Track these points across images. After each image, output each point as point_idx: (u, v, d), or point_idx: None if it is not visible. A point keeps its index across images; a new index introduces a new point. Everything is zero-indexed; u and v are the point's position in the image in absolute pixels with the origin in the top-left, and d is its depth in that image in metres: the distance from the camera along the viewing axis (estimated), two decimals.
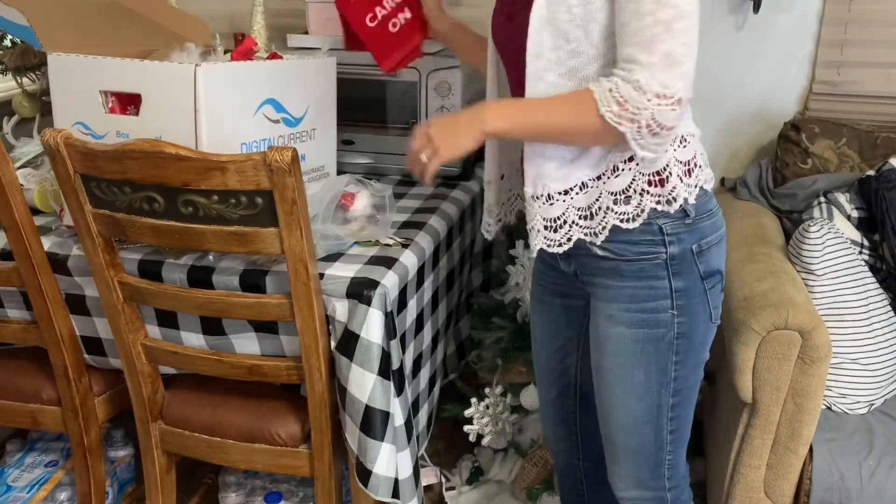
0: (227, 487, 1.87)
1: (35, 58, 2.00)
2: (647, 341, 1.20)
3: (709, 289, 1.20)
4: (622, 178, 1.14)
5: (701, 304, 1.20)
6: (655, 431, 1.26)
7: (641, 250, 1.17)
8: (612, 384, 1.26)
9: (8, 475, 1.92)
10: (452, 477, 2.07)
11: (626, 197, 1.14)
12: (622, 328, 1.21)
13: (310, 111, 1.60)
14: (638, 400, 1.24)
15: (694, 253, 1.17)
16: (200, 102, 1.33)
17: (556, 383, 1.46)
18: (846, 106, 2.13)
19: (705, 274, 1.19)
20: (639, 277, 1.18)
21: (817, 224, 1.68)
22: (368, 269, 1.40)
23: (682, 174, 1.15)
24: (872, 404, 1.69)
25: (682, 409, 1.26)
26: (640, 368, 1.22)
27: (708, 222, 1.19)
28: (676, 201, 1.13)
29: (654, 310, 1.19)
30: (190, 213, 1.26)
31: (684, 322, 1.19)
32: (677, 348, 1.20)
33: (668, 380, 1.22)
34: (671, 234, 1.16)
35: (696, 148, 1.18)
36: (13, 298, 1.61)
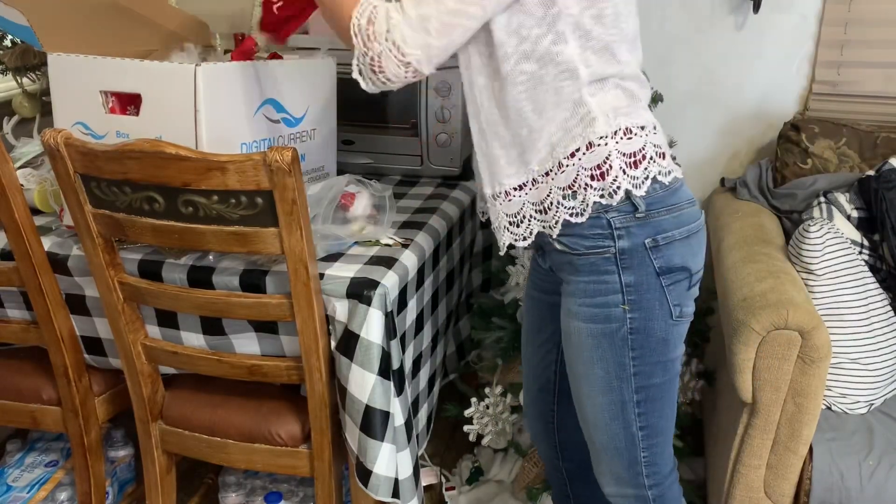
0: (227, 487, 1.87)
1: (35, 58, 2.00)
2: (601, 336, 1.20)
3: (667, 285, 1.18)
4: (567, 174, 1.14)
5: (658, 300, 1.18)
6: (624, 428, 1.25)
7: (590, 244, 1.17)
8: (577, 379, 1.27)
9: (8, 475, 1.92)
10: (452, 477, 2.07)
11: (573, 192, 1.14)
12: (578, 323, 1.21)
13: (310, 111, 1.60)
14: (601, 395, 1.24)
15: (647, 248, 1.16)
16: (200, 102, 1.33)
17: (538, 379, 1.47)
18: (846, 106, 2.13)
19: (662, 270, 1.17)
20: (590, 272, 1.18)
21: (817, 224, 1.68)
22: (368, 269, 1.40)
23: (626, 166, 1.13)
24: (872, 404, 1.69)
25: (650, 405, 1.25)
26: (598, 364, 1.22)
27: (668, 216, 1.16)
28: (618, 193, 1.13)
29: (604, 304, 1.18)
30: (190, 214, 1.26)
31: (637, 318, 1.18)
32: (632, 344, 1.19)
33: (626, 375, 1.21)
34: (620, 228, 1.15)
35: (647, 140, 1.16)
36: (13, 298, 1.61)
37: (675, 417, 1.31)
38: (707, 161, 2.28)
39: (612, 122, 1.13)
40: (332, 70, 1.68)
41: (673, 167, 1.19)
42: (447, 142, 1.86)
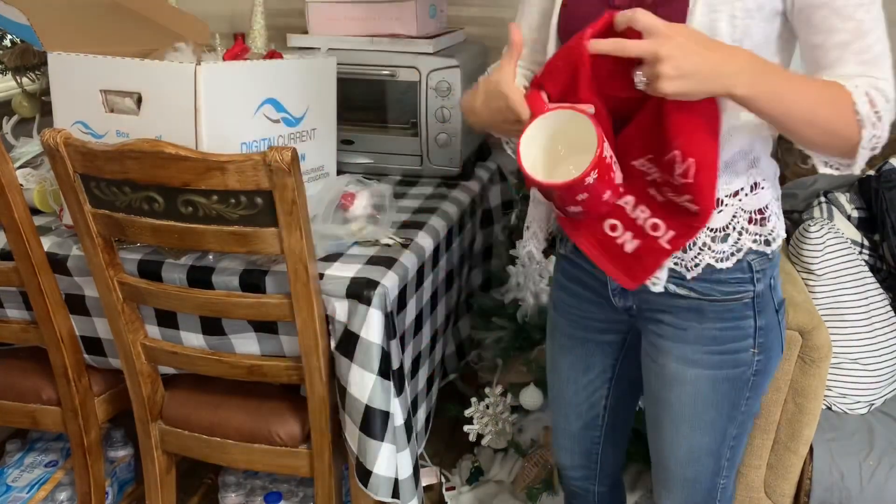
0: (227, 487, 1.87)
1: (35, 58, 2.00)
2: (724, 381, 1.14)
3: (780, 320, 1.15)
4: (724, 214, 1.04)
5: (777, 339, 1.15)
6: (714, 461, 1.21)
7: (729, 290, 1.08)
8: (677, 422, 1.19)
9: (8, 475, 1.92)
10: (452, 477, 2.07)
11: (725, 234, 1.05)
12: (700, 370, 1.13)
13: (310, 111, 1.60)
14: (704, 435, 1.19)
15: (771, 287, 1.12)
16: (201, 102, 1.33)
17: (581, 417, 1.37)
18: None
19: (779, 305, 1.14)
20: (723, 318, 1.10)
21: (817, 224, 1.68)
22: (368, 269, 1.39)
23: (778, 210, 1.08)
24: (872, 404, 1.69)
25: (741, 439, 1.22)
26: (713, 407, 1.16)
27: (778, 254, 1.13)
28: (775, 241, 1.07)
29: (735, 350, 1.12)
30: (190, 213, 1.26)
31: (762, 359, 1.13)
32: (752, 385, 1.15)
33: (737, 413, 1.17)
34: (759, 271, 1.08)
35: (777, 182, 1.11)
36: (13, 298, 1.60)
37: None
38: None
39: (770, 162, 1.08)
40: (333, 70, 1.67)
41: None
42: (447, 142, 1.85)
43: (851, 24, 0.94)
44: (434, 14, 1.95)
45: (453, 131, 1.84)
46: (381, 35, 1.88)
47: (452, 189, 1.86)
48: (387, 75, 1.84)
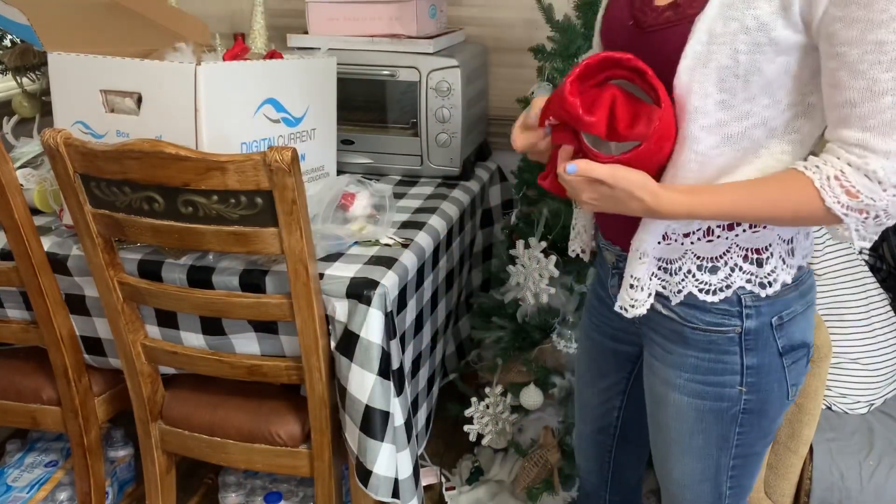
0: (227, 487, 1.87)
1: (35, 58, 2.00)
2: (707, 412, 1.08)
3: (788, 365, 1.06)
4: (715, 245, 0.99)
5: (777, 382, 1.06)
6: (713, 488, 1.16)
7: (712, 321, 1.03)
8: (668, 444, 1.16)
9: (8, 475, 1.92)
10: (452, 477, 2.07)
11: (714, 266, 1.00)
12: (680, 396, 1.09)
13: (310, 111, 1.60)
14: (696, 461, 1.14)
15: (773, 327, 1.03)
16: (201, 102, 1.33)
17: (596, 421, 1.36)
18: None
19: (785, 349, 1.05)
20: (705, 349, 1.05)
21: None
22: (368, 269, 1.40)
23: (785, 254, 1.00)
24: (872, 404, 1.69)
25: (743, 469, 1.15)
26: (699, 435, 1.11)
27: (795, 292, 1.03)
28: (772, 286, 1.00)
29: (718, 384, 1.06)
30: (190, 213, 1.26)
31: (753, 400, 1.07)
32: (741, 422, 1.08)
33: (729, 447, 1.11)
34: (750, 307, 1.02)
35: None
36: (13, 298, 1.60)
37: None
38: None
39: None
40: (333, 70, 1.67)
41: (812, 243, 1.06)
42: (447, 142, 1.86)
43: (865, 83, 0.84)
44: (434, 14, 1.95)
45: (453, 131, 1.84)
46: (381, 35, 1.88)
47: (452, 189, 1.86)
48: (387, 75, 1.84)
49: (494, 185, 2.11)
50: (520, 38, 2.09)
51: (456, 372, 2.01)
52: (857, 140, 0.86)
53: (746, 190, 0.92)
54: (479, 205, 2.01)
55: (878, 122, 0.84)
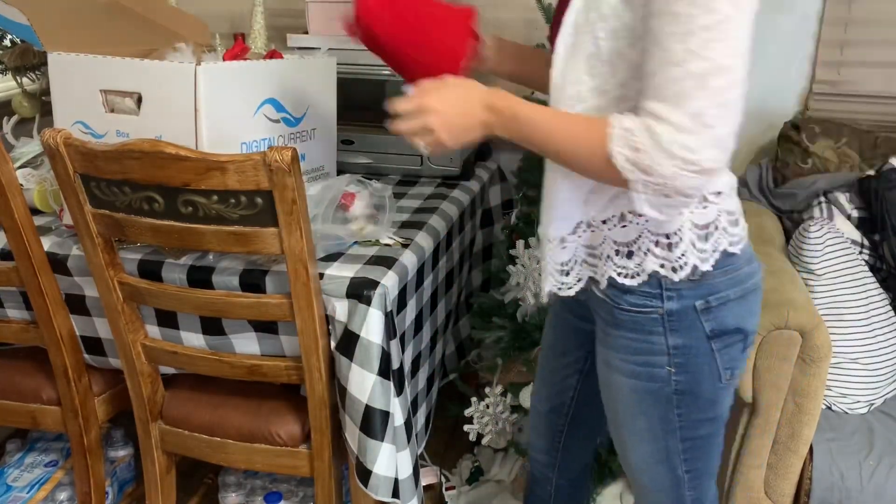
0: (227, 487, 1.87)
1: (35, 58, 2.00)
2: (643, 392, 1.12)
3: (719, 348, 1.08)
4: (627, 231, 1.04)
5: (707, 364, 1.08)
6: (670, 471, 1.18)
7: (636, 301, 1.07)
8: (619, 427, 1.20)
9: (8, 475, 1.92)
10: (452, 477, 2.07)
11: (629, 251, 1.04)
12: (619, 376, 1.14)
13: (310, 111, 1.60)
14: (645, 444, 1.17)
15: (698, 310, 1.05)
16: (201, 102, 1.33)
17: (551, 399, 1.39)
18: (846, 106, 2.13)
19: (714, 332, 1.07)
20: (633, 329, 1.09)
21: (817, 224, 1.68)
22: (368, 269, 1.40)
23: (696, 239, 1.03)
24: (872, 404, 1.69)
25: (696, 452, 1.17)
26: (641, 417, 1.14)
27: (724, 278, 1.06)
28: (683, 269, 1.02)
29: (648, 364, 1.10)
30: (190, 213, 1.26)
31: (684, 380, 1.09)
32: (678, 403, 1.11)
33: (673, 428, 1.13)
34: (670, 290, 1.05)
35: (722, 207, 1.04)
36: (13, 298, 1.61)
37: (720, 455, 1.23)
38: None
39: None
40: (333, 70, 1.67)
41: (744, 233, 1.08)
42: None
43: (661, 54, 0.88)
44: None
45: None
46: None
47: (452, 189, 1.86)
48: (387, 75, 1.84)
49: (494, 185, 2.11)
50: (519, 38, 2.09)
51: (456, 372, 2.01)
52: (651, 109, 0.90)
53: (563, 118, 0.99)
54: (479, 205, 2.01)
55: (670, 94, 0.88)
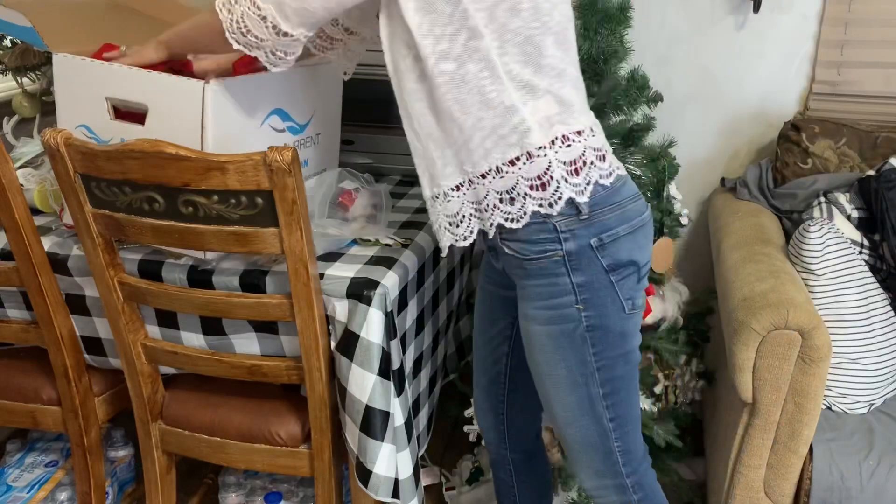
0: (227, 487, 1.87)
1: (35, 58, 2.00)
2: (559, 336, 1.21)
3: (617, 281, 1.19)
4: (505, 180, 1.14)
5: (609, 297, 1.19)
6: (595, 422, 1.26)
7: (538, 249, 1.17)
8: (542, 380, 1.27)
9: (8, 475, 1.92)
10: (452, 477, 2.07)
11: (511, 198, 1.15)
12: (536, 326, 1.22)
13: (315, 117, 1.59)
14: (568, 394, 1.25)
15: (594, 247, 1.16)
16: (208, 119, 1.32)
17: (488, 371, 1.47)
18: (846, 106, 2.13)
19: (611, 266, 1.18)
20: (541, 275, 1.18)
21: (817, 224, 1.69)
22: (368, 269, 1.40)
23: (567, 174, 1.13)
24: (872, 404, 1.69)
25: (617, 397, 1.26)
26: (561, 364, 1.23)
27: (611, 214, 1.17)
28: (559, 203, 1.13)
29: (559, 306, 1.19)
30: (190, 214, 1.26)
31: (593, 315, 1.19)
32: (591, 340, 1.20)
33: (590, 371, 1.22)
34: (565, 231, 1.15)
35: (587, 145, 1.15)
36: (13, 298, 1.61)
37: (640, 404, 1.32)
38: (707, 161, 2.28)
39: (549, 130, 1.13)
40: (338, 75, 1.67)
41: (615, 167, 1.19)
42: None
43: None
44: None
45: None
46: None
47: None
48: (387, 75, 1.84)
49: None
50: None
51: (456, 372, 2.01)
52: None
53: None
54: None
55: None
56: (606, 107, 1.76)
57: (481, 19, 1.08)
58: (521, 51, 1.11)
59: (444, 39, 1.10)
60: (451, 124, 1.14)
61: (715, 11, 2.16)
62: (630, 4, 1.73)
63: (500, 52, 1.10)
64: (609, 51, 1.69)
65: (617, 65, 1.75)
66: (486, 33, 1.09)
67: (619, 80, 1.77)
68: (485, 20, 1.08)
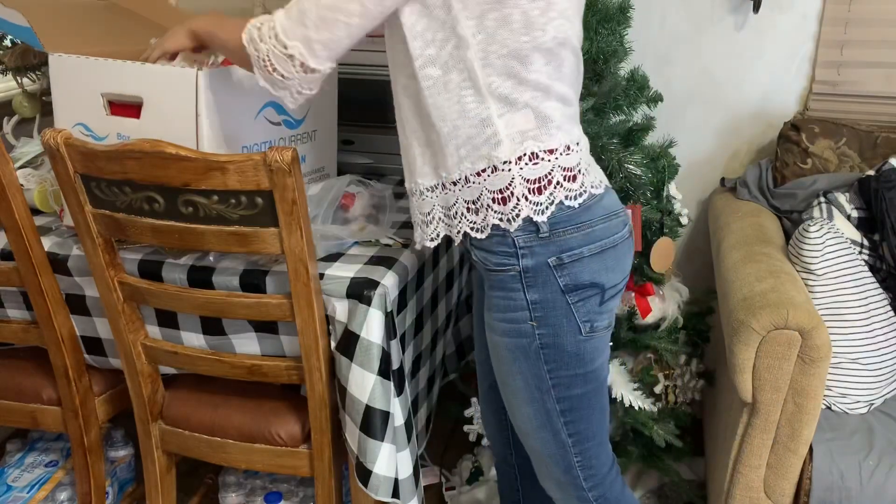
0: (227, 487, 1.87)
1: (35, 58, 2.00)
2: (515, 349, 1.21)
3: (574, 302, 1.17)
4: (472, 190, 1.15)
5: (565, 318, 1.17)
6: (553, 435, 1.26)
7: (497, 261, 1.17)
8: (503, 389, 1.28)
9: (8, 475, 1.92)
10: (452, 477, 2.07)
11: (476, 208, 1.16)
12: (496, 336, 1.23)
13: (311, 112, 1.60)
14: (526, 405, 1.25)
15: (551, 266, 1.15)
16: (202, 106, 1.33)
17: (488, 376, 1.48)
18: (846, 106, 2.13)
19: (568, 287, 1.16)
20: (500, 287, 1.19)
21: (817, 224, 1.69)
22: (368, 269, 1.40)
23: (528, 192, 1.13)
24: (872, 404, 1.69)
25: (575, 414, 1.24)
26: (518, 376, 1.23)
27: (576, 234, 1.15)
28: (516, 220, 1.13)
29: (514, 320, 1.19)
30: (190, 214, 1.26)
31: (546, 333, 1.18)
32: (545, 357, 1.19)
33: (546, 387, 1.21)
34: (523, 248, 1.15)
35: (556, 164, 1.14)
36: (13, 298, 1.61)
37: (608, 420, 1.31)
38: (707, 161, 2.28)
39: (518, 146, 1.12)
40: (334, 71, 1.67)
41: (588, 186, 1.16)
42: None
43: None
44: None
45: None
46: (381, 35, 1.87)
47: None
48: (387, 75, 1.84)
49: None
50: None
51: (456, 372, 2.01)
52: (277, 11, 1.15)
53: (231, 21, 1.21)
54: None
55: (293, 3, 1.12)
56: (606, 107, 1.77)
57: (469, 28, 1.08)
58: (503, 64, 1.10)
59: (433, 44, 1.11)
60: (431, 128, 1.15)
61: (715, 11, 2.16)
62: (630, 4, 1.73)
63: (484, 63, 1.09)
64: (609, 51, 1.70)
65: (617, 65, 1.75)
66: (473, 43, 1.08)
67: (619, 80, 1.77)
68: (473, 29, 1.08)
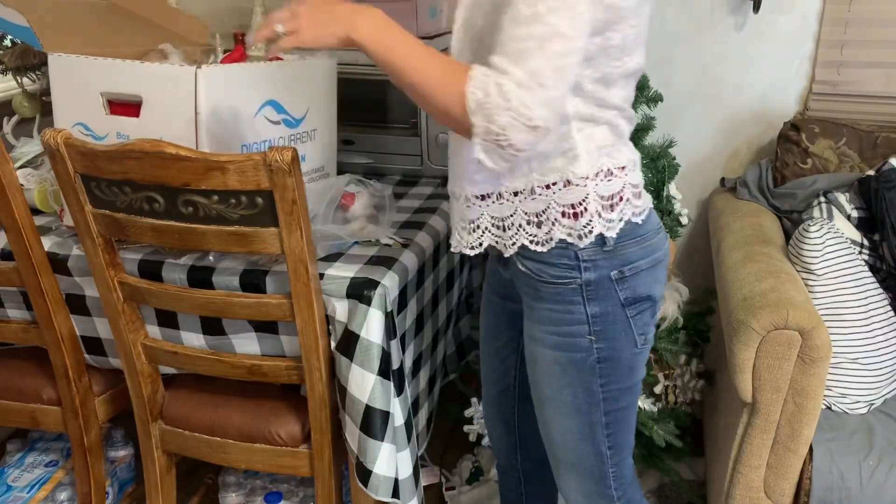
0: (227, 487, 1.87)
1: (35, 58, 2.00)
2: (568, 364, 1.18)
3: (632, 315, 1.16)
4: (537, 203, 1.11)
5: (623, 331, 1.16)
6: (593, 447, 1.24)
7: (557, 274, 1.14)
8: (543, 402, 1.25)
9: (8, 475, 1.92)
10: (452, 477, 2.07)
11: (539, 221, 1.12)
12: (543, 349, 1.20)
13: (310, 112, 1.60)
14: (570, 419, 1.23)
15: (613, 280, 1.13)
16: (201, 105, 1.33)
17: (497, 383, 1.44)
18: (846, 106, 2.13)
19: (628, 301, 1.15)
20: (555, 301, 1.16)
21: (817, 224, 1.69)
22: (368, 269, 1.40)
23: (602, 209, 1.10)
24: (872, 404, 1.69)
25: (618, 426, 1.24)
26: (567, 389, 1.20)
27: (635, 248, 1.14)
28: (588, 237, 1.10)
29: (570, 333, 1.16)
30: (190, 213, 1.26)
31: (605, 347, 1.16)
32: (601, 372, 1.18)
33: (596, 400, 1.20)
34: (587, 261, 1.12)
35: (626, 181, 1.12)
36: (13, 298, 1.61)
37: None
38: (707, 161, 2.28)
39: (595, 162, 1.09)
40: (333, 70, 1.67)
41: (648, 204, 1.17)
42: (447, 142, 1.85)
43: (511, 13, 0.96)
44: (434, 14, 1.95)
45: None
46: None
47: None
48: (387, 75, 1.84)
49: None
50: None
51: (456, 372, 2.01)
52: (495, 63, 0.97)
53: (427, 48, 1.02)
54: None
55: (512, 50, 0.95)
56: None
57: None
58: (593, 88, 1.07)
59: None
60: None
61: (715, 11, 2.16)
62: None
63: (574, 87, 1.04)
64: None
65: None
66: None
67: None
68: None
